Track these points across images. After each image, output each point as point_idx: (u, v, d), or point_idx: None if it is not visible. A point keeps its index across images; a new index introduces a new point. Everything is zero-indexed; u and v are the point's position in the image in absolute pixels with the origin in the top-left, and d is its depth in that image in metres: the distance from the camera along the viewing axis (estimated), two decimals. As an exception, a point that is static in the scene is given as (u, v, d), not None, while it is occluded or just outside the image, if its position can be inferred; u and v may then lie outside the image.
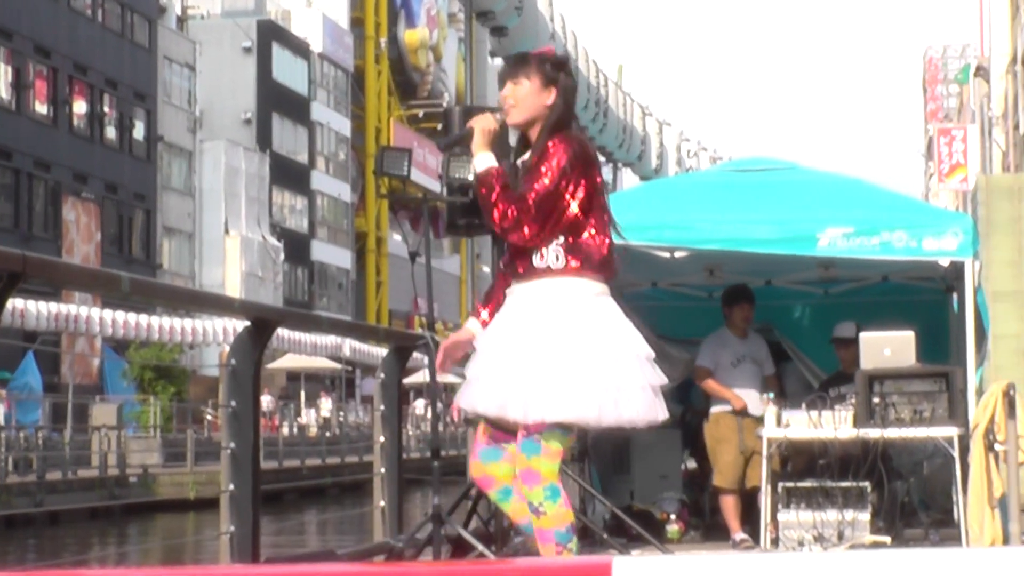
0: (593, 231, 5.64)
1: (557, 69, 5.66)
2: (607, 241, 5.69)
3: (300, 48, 63.99)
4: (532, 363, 5.42)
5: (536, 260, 5.57)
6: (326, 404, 53.14)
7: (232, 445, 6.17)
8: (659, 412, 5.58)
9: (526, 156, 5.69)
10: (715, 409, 11.17)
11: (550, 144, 5.59)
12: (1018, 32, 65.95)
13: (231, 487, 6.17)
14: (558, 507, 5.52)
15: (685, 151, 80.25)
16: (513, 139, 6.00)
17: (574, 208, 5.55)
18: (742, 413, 10.99)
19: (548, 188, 5.50)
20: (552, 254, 5.56)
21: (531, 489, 5.49)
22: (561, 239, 5.56)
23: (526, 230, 5.50)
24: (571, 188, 5.54)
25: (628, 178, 69.86)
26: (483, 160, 5.62)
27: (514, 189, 5.53)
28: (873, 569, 3.37)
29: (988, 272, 13.55)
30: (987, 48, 75.62)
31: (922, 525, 10.35)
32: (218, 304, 8.45)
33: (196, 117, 57.43)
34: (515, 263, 5.62)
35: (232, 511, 6.17)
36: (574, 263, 5.56)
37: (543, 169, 5.53)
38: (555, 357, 5.40)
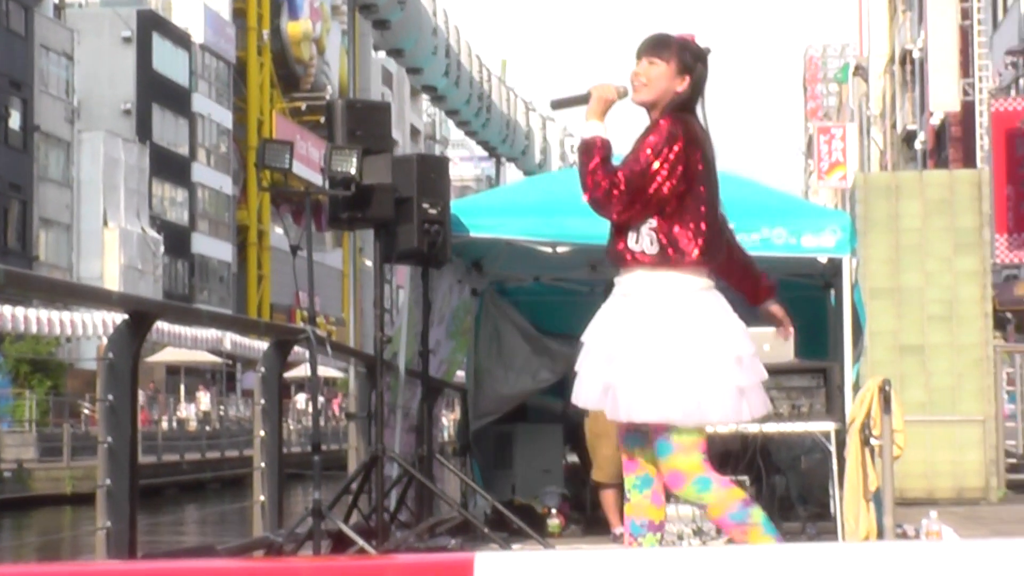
0: (690, 217, 5.42)
1: (696, 59, 5.52)
2: (706, 229, 5.44)
3: (181, 39, 63.30)
4: (627, 365, 5.32)
5: (631, 243, 5.44)
6: (204, 398, 52.67)
7: (109, 439, 6.08)
8: (746, 412, 5.43)
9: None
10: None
11: (660, 122, 5.44)
12: (896, 33, 66.91)
13: (108, 482, 6.09)
14: (714, 492, 5.33)
15: (568, 146, 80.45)
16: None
17: (666, 190, 5.38)
18: None
19: (642, 165, 5.35)
20: (646, 238, 5.41)
21: (682, 490, 5.37)
22: (653, 223, 5.40)
23: (614, 205, 5.38)
24: (665, 169, 5.37)
25: (512, 173, 69.96)
26: (591, 128, 5.48)
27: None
28: (750, 563, 3.39)
29: (865, 269, 13.73)
30: (866, 48, 76.70)
31: (800, 519, 10.47)
32: (95, 297, 8.31)
33: (74, 107, 56.61)
34: (612, 243, 5.52)
35: (109, 506, 6.09)
36: (670, 251, 5.38)
37: (642, 145, 5.40)
38: (647, 359, 5.29)
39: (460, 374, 12.97)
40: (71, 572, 3.50)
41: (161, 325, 39.18)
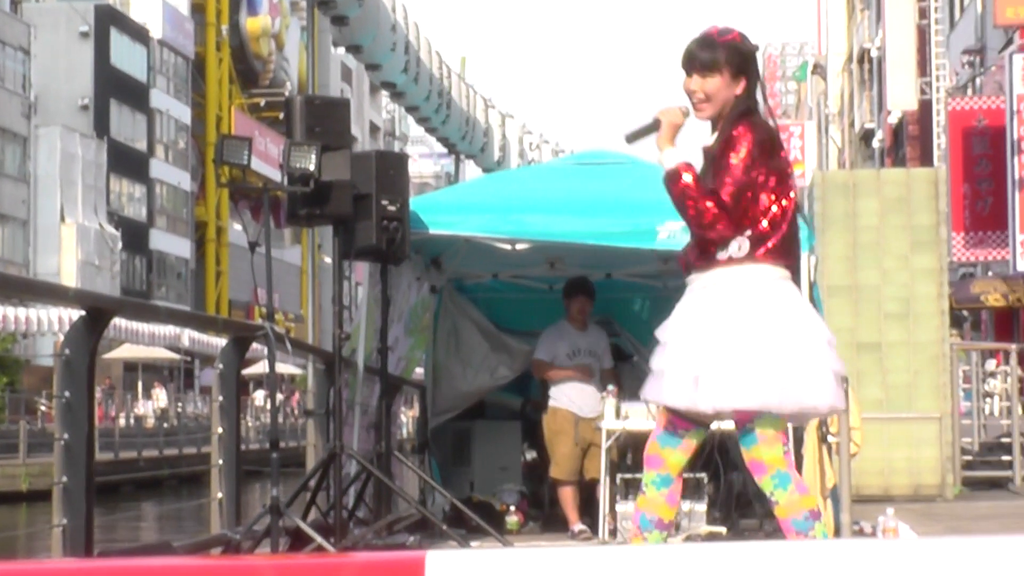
0: (777, 216, 5.40)
1: (746, 60, 5.48)
2: (788, 225, 5.42)
3: (139, 34, 63.01)
4: (716, 353, 5.27)
5: (721, 253, 5.40)
6: (161, 395, 52.42)
7: (66, 436, 6.06)
8: (842, 399, 5.41)
9: (710, 142, 5.50)
10: (553, 402, 11.21)
11: (735, 132, 5.39)
12: (854, 32, 67.19)
13: (64, 479, 6.06)
14: (789, 494, 5.32)
15: (527, 143, 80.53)
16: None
17: (764, 199, 5.37)
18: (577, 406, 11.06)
19: (742, 180, 5.32)
20: (735, 244, 5.38)
21: (760, 479, 5.37)
22: (748, 231, 5.38)
23: (721, 226, 5.33)
24: (761, 177, 5.35)
25: (471, 170, 69.93)
26: (672, 156, 5.43)
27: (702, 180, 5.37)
28: (708, 559, 3.40)
29: (823, 267, 13.78)
30: (824, 47, 76.99)
31: (757, 516, 10.50)
32: (52, 293, 8.25)
33: (31, 102, 56.28)
34: (696, 252, 5.49)
35: (65, 503, 6.06)
36: (759, 251, 5.36)
37: (733, 160, 5.34)
38: (737, 345, 5.25)
39: (419, 371, 12.96)
40: (27, 571, 3.48)
41: (118, 322, 39.03)
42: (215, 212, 68.58)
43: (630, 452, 10.64)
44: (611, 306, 12.42)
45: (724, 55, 5.44)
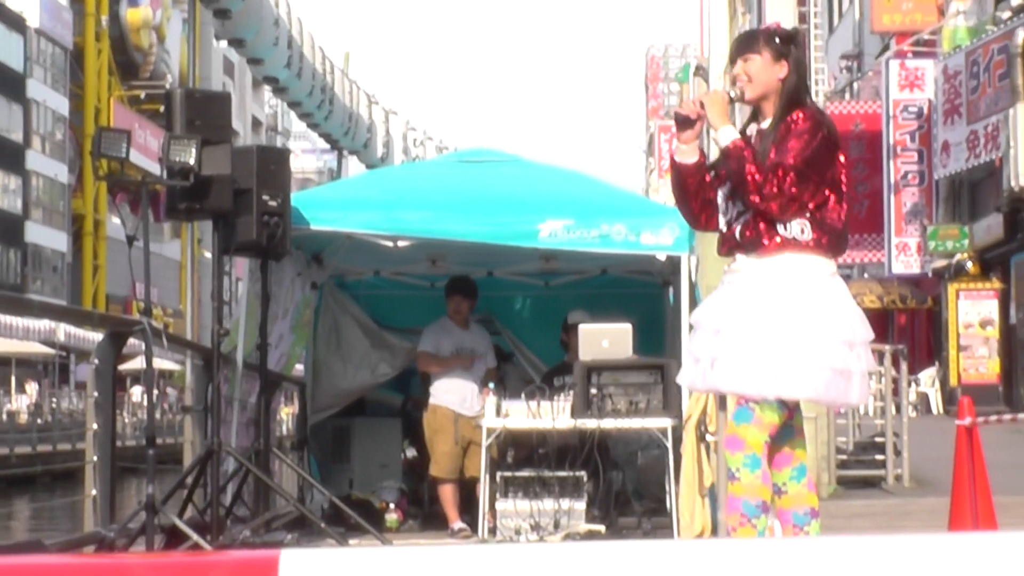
0: (835, 206, 5.53)
1: (787, 42, 5.63)
2: (844, 217, 5.56)
3: (15, 22, 61.99)
4: (735, 335, 5.38)
5: (782, 230, 5.47)
6: (32, 390, 51.55)
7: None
8: (854, 396, 5.51)
9: (764, 125, 5.63)
10: (434, 400, 11.20)
11: (795, 117, 5.53)
12: (735, 34, 67.83)
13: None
14: (801, 487, 5.50)
15: (411, 140, 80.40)
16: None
17: (828, 192, 5.50)
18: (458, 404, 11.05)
19: (806, 156, 5.43)
20: (797, 227, 5.47)
21: (732, 454, 5.47)
22: (808, 212, 5.48)
23: (780, 201, 5.41)
24: (821, 163, 5.47)
25: (354, 166, 69.67)
26: (727, 133, 5.57)
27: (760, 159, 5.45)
28: (586, 558, 3.41)
29: (703, 267, 13.87)
30: (706, 49, 77.66)
31: (636, 514, 10.56)
32: (-77, 285, 8.12)
33: (-96, 91, 55.21)
34: (758, 234, 5.51)
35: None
36: (821, 238, 5.47)
37: (795, 142, 5.46)
38: (754, 330, 5.36)
39: (299, 368, 12.88)
40: None
41: (-8, 315, 38.42)
42: (93, 205, 67.67)
43: (511, 450, 10.66)
44: (493, 304, 12.43)
45: (762, 38, 5.70)
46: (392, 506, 11.37)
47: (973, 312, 32.41)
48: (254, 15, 39.68)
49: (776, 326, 5.37)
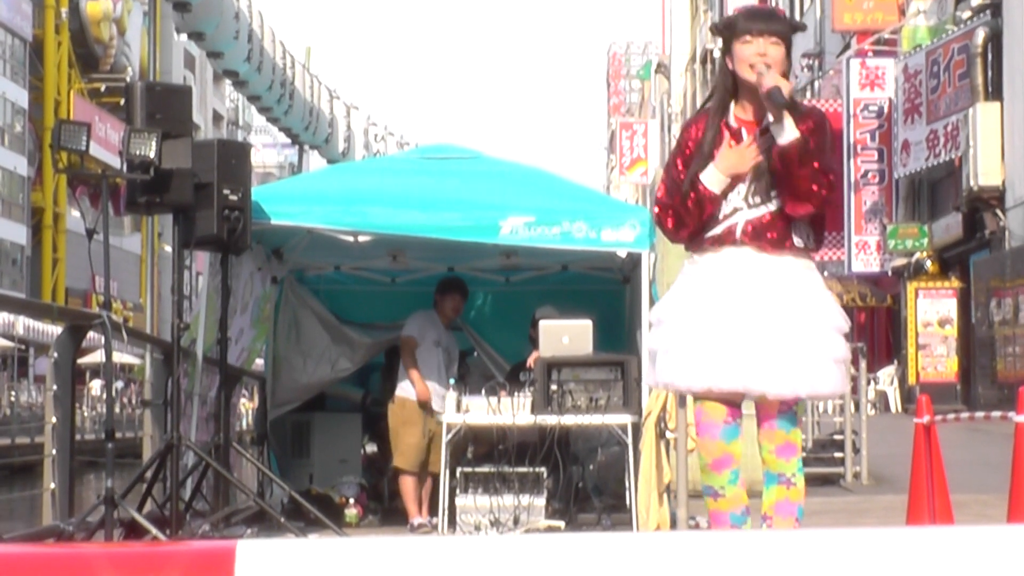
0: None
1: (795, 30, 5.32)
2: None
3: (-24, 14, 61.66)
4: (785, 339, 5.18)
5: (796, 237, 5.29)
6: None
7: None
8: (842, 386, 5.44)
9: (744, 116, 5.28)
10: (402, 392, 11.17)
11: (817, 113, 5.24)
12: (697, 32, 67.99)
13: None
14: (736, 488, 5.40)
15: (372, 135, 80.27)
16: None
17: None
18: (423, 404, 11.04)
19: (831, 159, 5.28)
20: (804, 230, 5.33)
21: (788, 461, 5.35)
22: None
23: (827, 199, 5.24)
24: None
25: (315, 161, 69.51)
26: (792, 129, 5.15)
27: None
28: (545, 553, 3.42)
29: (663, 264, 13.89)
30: (668, 46, 77.83)
31: (595, 510, 10.58)
32: None
33: None
34: (776, 231, 5.27)
35: None
36: (816, 239, 5.37)
37: (827, 140, 5.23)
38: (805, 333, 5.20)
39: (259, 362, 12.86)
40: None
41: (-50, 308, 38.19)
42: (52, 198, 67.30)
43: (471, 446, 10.67)
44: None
45: (789, 24, 5.30)
46: (352, 501, 11.36)
47: (932, 311, 32.57)
48: (214, 8, 39.53)
49: (797, 326, 5.21)
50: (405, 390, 11.15)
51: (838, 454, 15.92)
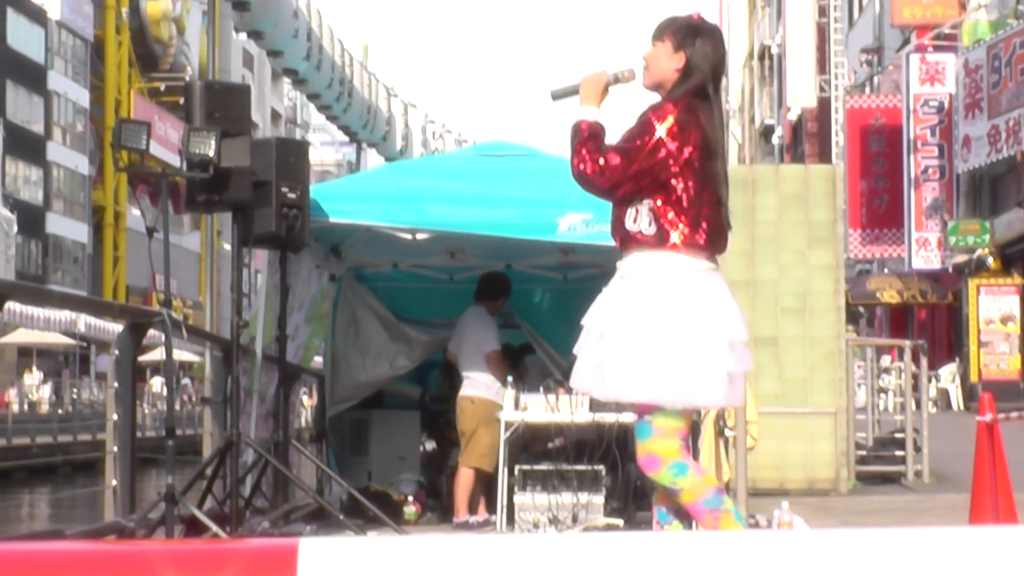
0: (687, 201, 5.33)
1: (691, 35, 5.41)
2: (707, 213, 5.37)
3: (37, 15, 62.14)
4: (621, 342, 5.25)
5: (629, 222, 5.36)
6: (37, 377, 51.49)
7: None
8: (735, 398, 5.37)
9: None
10: (478, 391, 11.00)
11: (658, 106, 5.38)
12: (755, 29, 67.74)
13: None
14: (690, 478, 5.29)
15: (430, 133, 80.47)
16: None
17: (654, 170, 5.29)
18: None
19: (627, 146, 5.30)
20: (645, 219, 5.33)
21: (657, 474, 5.31)
22: (650, 203, 5.33)
23: (599, 183, 5.31)
24: (648, 150, 5.28)
25: (373, 159, 69.70)
26: (582, 112, 5.43)
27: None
28: (605, 551, 3.40)
29: (723, 261, 13.84)
30: (725, 43, 77.58)
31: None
32: (-56, 276, 8.14)
33: (-74, 82, 55.37)
34: (613, 224, 5.45)
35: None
36: (667, 233, 5.30)
37: (630, 129, 5.35)
38: (643, 336, 5.21)
39: (318, 360, 12.89)
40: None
41: (12, 306, 38.52)
42: (113, 197, 67.81)
43: (529, 444, 10.66)
44: (511, 297, 12.42)
45: (669, 27, 5.49)
46: (410, 499, 11.37)
47: (994, 308, 32.34)
48: (272, 7, 39.69)
49: (661, 330, 5.23)
50: (480, 389, 11.00)
51: (899, 452, 15.82)
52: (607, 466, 10.16)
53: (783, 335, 14.45)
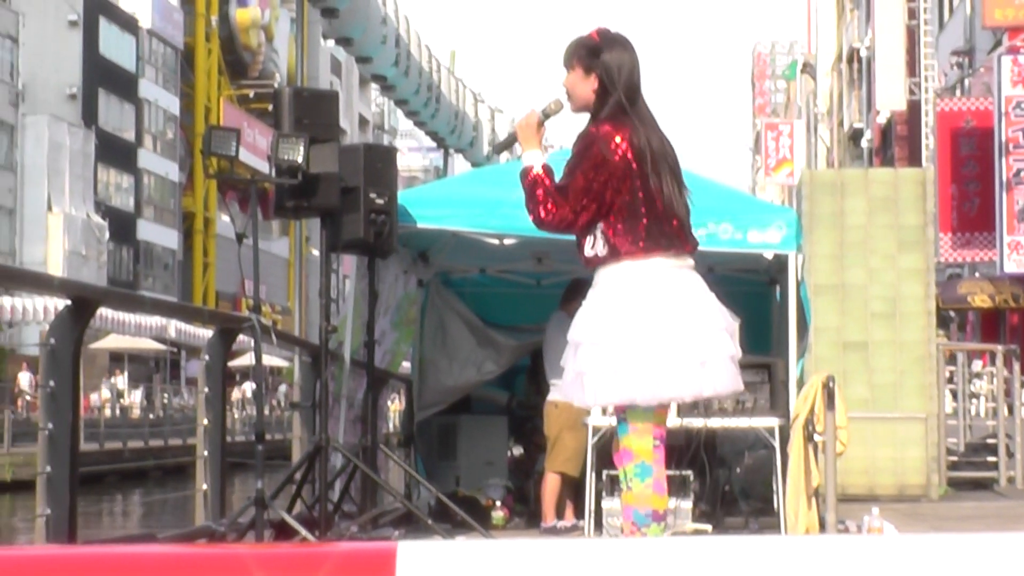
0: (630, 212, 5.42)
1: (593, 55, 5.48)
2: (648, 222, 5.42)
3: (128, 23, 62.88)
4: (594, 349, 5.37)
5: (587, 248, 5.50)
6: (120, 382, 51.98)
7: (50, 426, 6.03)
8: (708, 387, 5.45)
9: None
10: (563, 398, 10.99)
11: (581, 134, 5.54)
12: (844, 31, 67.25)
13: (48, 469, 6.04)
14: (644, 487, 5.44)
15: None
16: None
17: (604, 194, 5.42)
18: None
19: (577, 182, 5.44)
20: (599, 241, 5.45)
21: (624, 466, 5.48)
22: (601, 225, 5.45)
23: (559, 226, 5.49)
24: (592, 175, 5.41)
25: (460, 164, 69.93)
26: (527, 157, 5.65)
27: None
28: (694, 556, 3.39)
29: (810, 265, 13.75)
30: (814, 46, 77.08)
31: (743, 513, 10.50)
32: (37, 282, 8.25)
33: (18, 91, 56.14)
34: (578, 250, 5.59)
35: (48, 493, 6.04)
36: (619, 249, 5.41)
37: (572, 162, 5.51)
38: (610, 340, 5.33)
39: (405, 365, 12.94)
40: (8, 558, 3.47)
41: (104, 312, 38.94)
42: (203, 203, 68.46)
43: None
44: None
45: (572, 50, 5.57)
46: (498, 504, 11.38)
47: (1087, 312, 31.87)
48: (361, 14, 39.88)
49: (625, 331, 5.31)
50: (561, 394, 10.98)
51: (991, 458, 15.64)
52: (695, 471, 10.11)
53: (872, 340, 14.33)
